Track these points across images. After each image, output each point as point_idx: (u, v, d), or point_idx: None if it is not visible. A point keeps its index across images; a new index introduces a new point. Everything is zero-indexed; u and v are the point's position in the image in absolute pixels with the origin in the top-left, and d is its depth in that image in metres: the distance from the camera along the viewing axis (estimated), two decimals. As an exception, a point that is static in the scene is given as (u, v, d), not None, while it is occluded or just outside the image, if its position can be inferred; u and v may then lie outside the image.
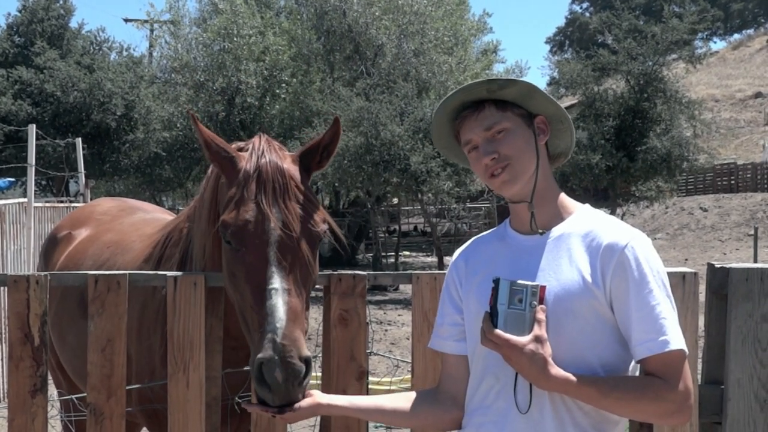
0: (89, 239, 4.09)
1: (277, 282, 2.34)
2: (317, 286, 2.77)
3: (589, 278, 1.96)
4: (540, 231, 2.06)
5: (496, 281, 1.94)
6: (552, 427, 1.96)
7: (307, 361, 2.22)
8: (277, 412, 2.16)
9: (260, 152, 2.58)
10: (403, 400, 2.23)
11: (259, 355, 2.20)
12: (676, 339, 1.92)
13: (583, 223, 2.06)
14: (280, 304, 2.28)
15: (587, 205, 2.16)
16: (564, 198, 2.14)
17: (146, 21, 31.95)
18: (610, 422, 2.01)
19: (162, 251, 3.19)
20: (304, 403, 2.16)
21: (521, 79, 2.11)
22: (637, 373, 2.04)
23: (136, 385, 2.98)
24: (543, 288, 1.94)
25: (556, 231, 2.07)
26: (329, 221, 2.62)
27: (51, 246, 4.44)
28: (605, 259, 1.97)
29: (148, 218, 4.16)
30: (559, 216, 2.10)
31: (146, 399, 3.03)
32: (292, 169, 2.58)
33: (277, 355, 2.18)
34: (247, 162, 2.57)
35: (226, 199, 2.57)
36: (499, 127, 2.06)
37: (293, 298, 2.34)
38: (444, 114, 2.15)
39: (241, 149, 2.69)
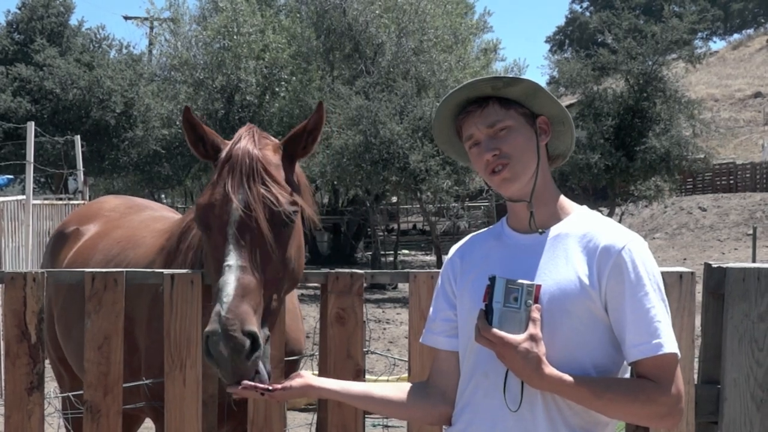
0: (98, 235, 4.11)
1: (232, 259, 2.38)
2: (315, 285, 2.77)
3: (585, 279, 1.97)
4: (540, 230, 2.06)
5: (492, 279, 1.94)
6: (543, 426, 1.96)
7: (252, 335, 2.22)
8: (266, 390, 2.15)
9: (238, 139, 2.66)
10: (394, 390, 2.24)
11: (206, 329, 2.23)
12: (669, 342, 1.92)
13: (581, 224, 2.07)
14: (231, 280, 2.31)
15: (585, 207, 2.16)
16: (562, 199, 2.14)
17: (146, 18, 31.95)
18: (600, 423, 2.01)
19: (176, 244, 3.20)
20: (295, 383, 2.16)
21: (526, 78, 2.11)
22: (628, 375, 2.05)
23: (134, 383, 2.98)
24: (538, 287, 1.95)
25: (553, 231, 2.07)
26: (300, 203, 2.64)
27: (59, 242, 4.44)
28: (602, 260, 1.97)
29: (157, 216, 4.20)
30: (556, 216, 2.10)
31: (157, 395, 3.03)
32: (266, 154, 2.64)
33: (220, 328, 2.20)
34: (225, 150, 2.65)
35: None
36: (502, 125, 2.06)
37: (246, 274, 2.36)
38: (447, 109, 2.15)
39: None
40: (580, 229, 2.05)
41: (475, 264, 2.15)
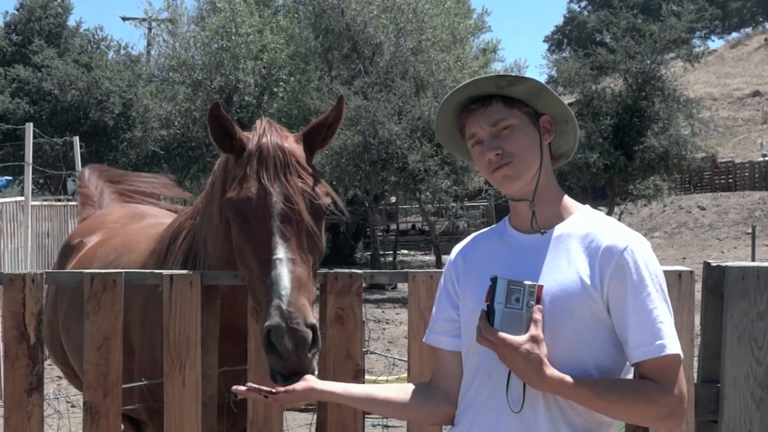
0: (99, 244, 4.21)
1: (281, 252, 2.40)
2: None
3: (587, 280, 1.96)
4: (542, 230, 2.06)
5: (494, 279, 1.93)
6: (545, 427, 1.96)
7: (313, 328, 2.26)
8: (269, 393, 2.15)
9: (262, 132, 2.66)
10: (396, 392, 2.23)
11: (267, 323, 2.25)
12: (672, 343, 1.92)
13: (583, 224, 2.06)
14: (284, 273, 2.34)
15: (587, 206, 2.15)
16: (565, 199, 2.13)
17: (144, 19, 31.92)
18: (603, 423, 2.01)
19: (167, 247, 3.21)
20: (298, 386, 2.16)
21: (530, 77, 2.11)
22: (630, 376, 2.05)
23: (132, 384, 2.98)
24: (540, 288, 1.94)
25: (555, 231, 2.06)
26: (332, 195, 2.67)
27: (65, 254, 4.60)
28: (604, 261, 1.96)
29: (155, 222, 4.25)
30: (559, 216, 2.09)
31: (153, 396, 3.03)
32: (293, 147, 2.67)
33: (283, 321, 2.22)
34: (249, 142, 2.66)
35: (230, 180, 2.64)
36: (505, 124, 2.05)
37: (298, 266, 2.40)
38: (450, 107, 2.14)
39: None
40: (582, 229, 2.04)
41: (478, 264, 2.14)
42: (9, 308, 2.74)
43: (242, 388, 2.17)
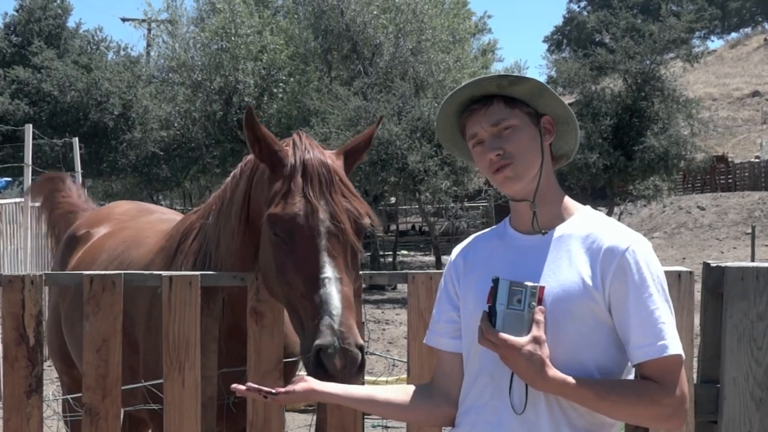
0: (107, 236, 4.17)
1: (329, 271, 2.43)
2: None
3: (588, 281, 1.96)
4: (543, 231, 2.06)
5: (496, 281, 1.93)
6: (547, 428, 1.96)
7: (362, 349, 2.31)
8: (269, 394, 2.14)
9: (303, 148, 2.68)
10: (397, 393, 2.23)
11: (318, 341, 2.28)
12: (674, 344, 1.92)
13: (584, 224, 2.06)
14: (334, 293, 2.37)
15: (588, 207, 2.15)
16: (566, 199, 2.13)
17: (144, 20, 31.96)
18: (605, 424, 2.01)
19: (177, 245, 3.21)
20: (298, 387, 2.14)
21: (532, 77, 2.10)
22: (631, 377, 2.04)
23: (131, 386, 2.98)
24: (542, 289, 1.94)
25: (556, 232, 2.06)
26: (371, 216, 2.69)
27: (70, 244, 4.50)
28: (605, 262, 1.96)
29: (164, 218, 4.26)
30: (559, 217, 2.09)
31: (154, 397, 3.03)
32: (336, 164, 2.70)
33: (336, 341, 2.26)
34: (291, 157, 2.66)
35: (270, 194, 2.64)
36: (506, 124, 2.05)
37: (345, 286, 2.43)
38: (451, 107, 2.14)
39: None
40: (583, 229, 2.04)
41: (478, 265, 2.14)
42: (8, 310, 2.74)
43: (242, 387, 2.17)
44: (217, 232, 2.94)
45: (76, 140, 14.58)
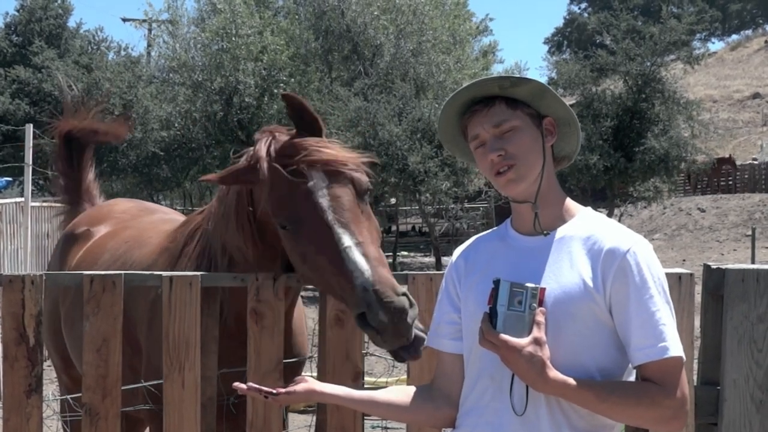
0: (108, 235, 4.12)
1: (347, 240, 2.46)
2: (313, 287, 2.77)
3: (589, 282, 1.96)
4: (544, 232, 2.06)
5: (496, 282, 1.93)
6: (548, 429, 1.96)
7: (405, 294, 2.33)
8: (270, 394, 2.14)
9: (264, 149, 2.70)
10: (397, 394, 2.23)
11: (356, 310, 2.34)
12: (675, 346, 1.92)
13: (585, 226, 2.06)
14: (358, 257, 2.40)
15: (589, 209, 2.15)
16: (567, 201, 2.13)
17: (144, 20, 31.89)
18: (606, 426, 2.01)
19: (181, 248, 3.19)
20: (299, 387, 2.15)
21: (534, 78, 2.11)
22: (632, 378, 2.04)
23: (131, 386, 2.98)
24: (543, 290, 1.94)
25: (557, 233, 2.06)
26: (361, 164, 2.70)
27: (68, 242, 4.44)
28: (606, 263, 1.96)
29: (167, 218, 4.22)
30: (561, 218, 2.09)
31: (154, 398, 3.02)
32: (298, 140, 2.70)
33: (373, 301, 2.29)
34: (258, 163, 2.69)
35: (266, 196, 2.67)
36: (508, 125, 2.05)
37: (367, 247, 2.46)
38: (453, 108, 2.14)
39: None
40: (584, 231, 2.04)
41: (480, 266, 2.14)
42: (8, 309, 2.74)
43: (242, 385, 2.17)
44: (219, 234, 2.94)
45: (76, 140, 14.55)
